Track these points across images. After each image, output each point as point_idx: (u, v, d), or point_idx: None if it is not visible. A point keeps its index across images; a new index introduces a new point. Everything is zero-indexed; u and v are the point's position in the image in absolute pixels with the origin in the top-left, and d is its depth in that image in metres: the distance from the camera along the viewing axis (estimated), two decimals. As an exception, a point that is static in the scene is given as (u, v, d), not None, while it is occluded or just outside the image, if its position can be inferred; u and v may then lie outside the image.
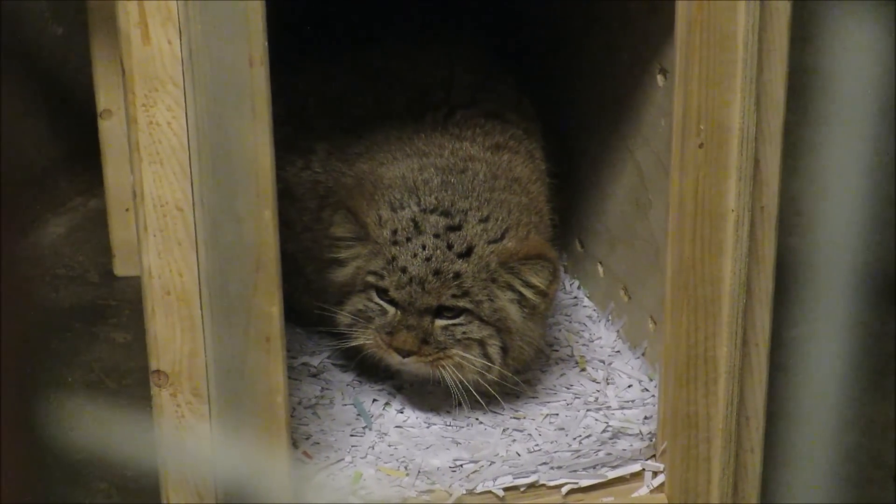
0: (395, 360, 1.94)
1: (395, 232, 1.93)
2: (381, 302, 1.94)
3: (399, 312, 1.92)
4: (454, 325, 1.92)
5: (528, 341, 1.99)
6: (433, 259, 1.91)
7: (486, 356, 1.94)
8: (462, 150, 2.05)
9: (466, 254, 1.92)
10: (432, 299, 1.91)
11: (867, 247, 0.89)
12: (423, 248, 1.91)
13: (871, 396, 2.44)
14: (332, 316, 2.01)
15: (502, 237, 1.94)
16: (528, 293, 1.94)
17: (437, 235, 1.92)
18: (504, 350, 1.95)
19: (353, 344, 1.98)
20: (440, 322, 1.92)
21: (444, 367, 1.93)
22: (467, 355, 1.93)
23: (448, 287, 1.91)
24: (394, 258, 1.92)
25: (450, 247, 1.91)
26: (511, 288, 1.94)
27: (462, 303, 1.91)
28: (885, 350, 2.54)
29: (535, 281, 1.94)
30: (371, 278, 1.94)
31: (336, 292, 2.00)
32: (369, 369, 2.08)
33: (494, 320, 1.93)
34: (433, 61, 2.22)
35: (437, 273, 1.91)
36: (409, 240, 1.92)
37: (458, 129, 2.09)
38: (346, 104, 2.17)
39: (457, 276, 1.91)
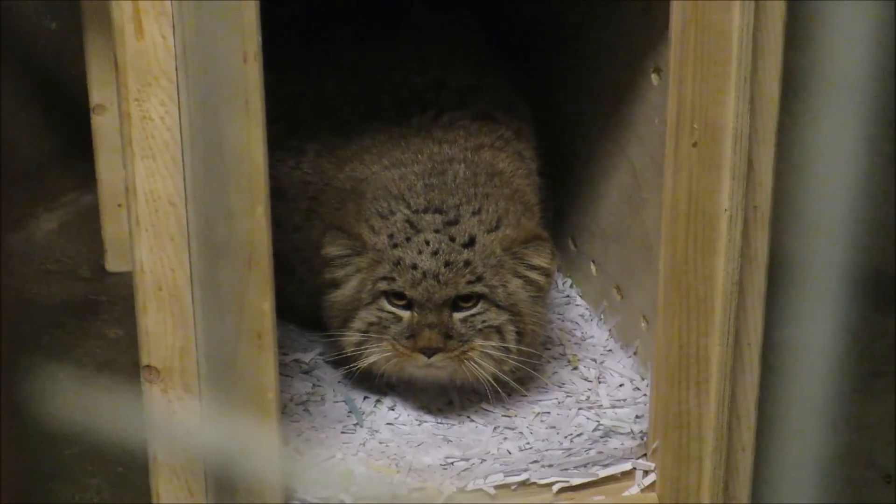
0: (419, 362, 1.92)
1: (391, 235, 1.93)
2: (394, 309, 1.92)
3: (416, 314, 1.91)
4: (472, 315, 1.92)
5: (539, 323, 2.00)
6: (441, 252, 1.91)
7: (504, 343, 1.94)
8: (441, 154, 2.05)
9: (470, 244, 1.92)
10: (450, 290, 1.91)
11: (860, 247, 0.89)
12: (428, 243, 1.91)
13: (863, 397, 2.44)
14: (338, 341, 1.98)
15: (497, 226, 1.95)
16: (533, 275, 1.96)
17: (437, 231, 1.92)
18: (519, 335, 1.95)
19: (368, 362, 1.95)
20: (458, 315, 1.92)
21: (469, 359, 1.92)
22: (486, 343, 1.93)
23: (462, 275, 1.91)
24: (399, 259, 1.91)
25: (452, 239, 1.92)
26: (517, 273, 1.95)
27: (478, 288, 1.92)
28: (877, 351, 2.54)
29: (538, 262, 1.95)
30: (382, 284, 1.92)
31: (338, 314, 1.98)
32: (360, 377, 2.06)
33: (508, 305, 1.94)
34: (425, 62, 2.22)
35: (447, 264, 1.91)
36: (409, 239, 1.92)
37: (441, 132, 2.08)
38: (337, 105, 2.16)
39: (467, 263, 1.91)
